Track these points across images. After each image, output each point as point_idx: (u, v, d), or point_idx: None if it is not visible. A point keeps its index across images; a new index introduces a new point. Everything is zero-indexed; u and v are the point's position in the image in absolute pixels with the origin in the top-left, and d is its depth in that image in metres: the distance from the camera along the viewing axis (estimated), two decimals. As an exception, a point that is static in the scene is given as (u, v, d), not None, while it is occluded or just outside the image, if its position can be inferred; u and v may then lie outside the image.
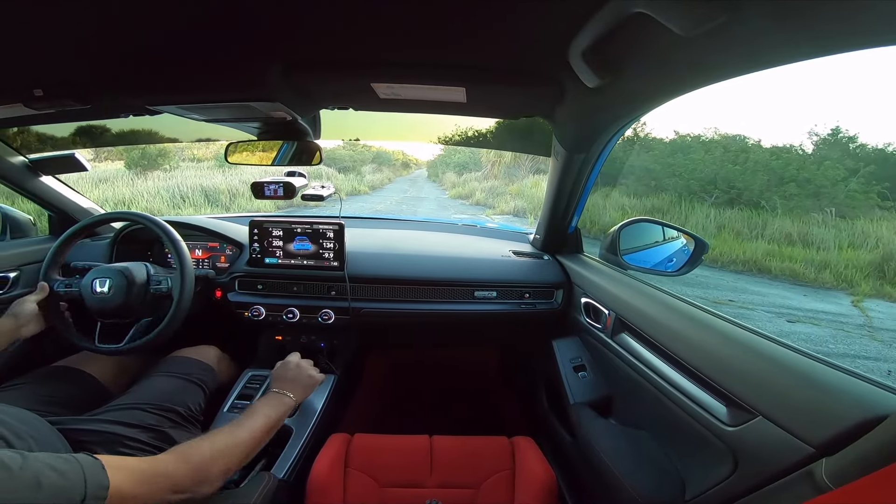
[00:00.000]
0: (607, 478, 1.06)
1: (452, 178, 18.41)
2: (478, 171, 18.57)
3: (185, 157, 15.10)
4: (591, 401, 1.31)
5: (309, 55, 0.91)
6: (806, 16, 0.52)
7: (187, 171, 12.71)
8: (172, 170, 13.01)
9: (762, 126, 33.13)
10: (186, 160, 14.97)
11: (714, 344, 0.86)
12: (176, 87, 1.07)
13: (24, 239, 1.66)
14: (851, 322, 5.61)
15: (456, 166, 20.40)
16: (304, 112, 1.21)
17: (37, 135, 4.39)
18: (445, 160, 21.83)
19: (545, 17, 0.70)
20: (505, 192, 14.31)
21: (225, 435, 0.90)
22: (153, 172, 12.32)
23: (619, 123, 1.07)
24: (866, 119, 27.51)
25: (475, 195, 14.51)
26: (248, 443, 0.92)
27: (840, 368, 0.67)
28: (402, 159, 25.71)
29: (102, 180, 10.76)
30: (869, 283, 7.20)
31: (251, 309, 1.54)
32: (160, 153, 13.13)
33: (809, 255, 8.16)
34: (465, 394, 2.08)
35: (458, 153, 21.35)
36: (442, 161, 22.15)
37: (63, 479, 0.59)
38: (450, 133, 14.07)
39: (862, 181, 10.32)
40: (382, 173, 21.04)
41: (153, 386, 1.20)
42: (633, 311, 1.16)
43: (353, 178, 17.52)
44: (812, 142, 12.40)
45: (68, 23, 0.77)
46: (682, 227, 1.38)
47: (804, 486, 0.60)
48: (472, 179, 17.07)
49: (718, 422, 0.80)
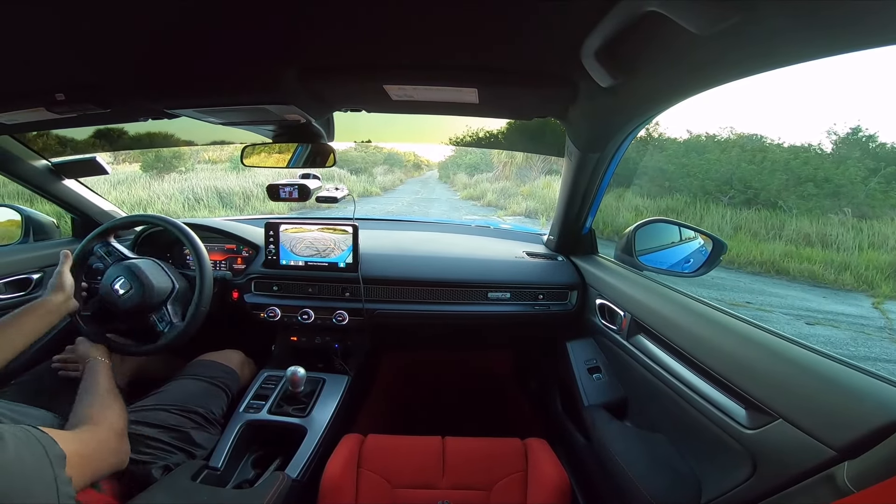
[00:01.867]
0: (621, 480, 1.05)
1: (464, 179, 18.34)
2: (489, 172, 18.49)
3: (199, 159, 15.27)
4: (605, 403, 1.30)
5: (323, 58, 0.91)
6: (821, 14, 0.51)
7: (202, 174, 12.83)
8: (187, 172, 13.15)
9: (780, 125, 32.54)
10: (201, 162, 15.14)
11: (732, 345, 0.85)
12: (193, 91, 1.08)
13: (47, 241, 1.69)
14: (872, 324, 5.48)
15: (467, 167, 20.29)
16: (318, 114, 1.22)
17: (57, 138, 4.48)
18: (456, 161, 21.69)
19: (557, 17, 0.70)
20: (516, 193, 14.24)
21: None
22: (169, 175, 12.48)
23: (633, 123, 1.06)
24: (887, 118, 26.88)
25: (486, 196, 14.45)
26: None
27: (862, 370, 0.65)
28: (414, 160, 25.62)
29: (120, 182, 10.95)
30: (890, 285, 7.02)
31: (267, 310, 1.55)
32: (174, 155, 13.28)
33: (829, 257, 7.98)
34: (478, 395, 2.07)
35: (468, 154, 21.21)
36: (453, 162, 22.01)
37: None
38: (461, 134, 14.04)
39: (882, 181, 10.09)
40: (394, 175, 20.98)
41: (178, 388, 1.23)
42: (649, 312, 1.15)
43: (365, 179, 17.57)
44: (831, 141, 12.13)
45: (90, 28, 0.78)
46: (698, 227, 1.36)
47: (825, 490, 0.59)
48: (483, 181, 16.99)
49: (737, 424, 0.79)
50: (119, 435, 0.93)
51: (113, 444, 0.90)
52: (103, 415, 0.94)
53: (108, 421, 0.92)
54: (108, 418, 0.93)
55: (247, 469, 1.25)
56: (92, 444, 0.84)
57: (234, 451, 1.21)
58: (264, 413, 1.33)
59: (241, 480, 1.20)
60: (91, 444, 0.83)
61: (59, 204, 1.68)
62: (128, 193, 10.11)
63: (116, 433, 0.92)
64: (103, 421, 0.92)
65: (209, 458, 1.16)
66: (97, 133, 4.27)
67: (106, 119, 1.30)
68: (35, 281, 1.52)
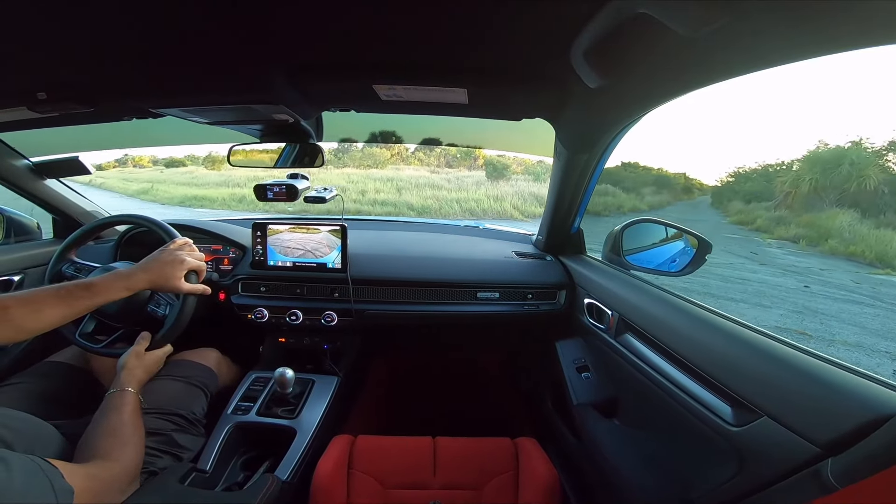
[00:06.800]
0: (611, 478, 1.06)
1: (738, 206, 18.98)
2: (768, 201, 18.74)
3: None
4: (594, 402, 1.31)
5: (311, 58, 0.91)
6: (807, 15, 0.52)
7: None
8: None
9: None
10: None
11: (718, 344, 0.86)
12: (179, 90, 1.07)
13: (28, 242, 1.66)
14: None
15: (745, 195, 20.55)
16: (306, 114, 1.21)
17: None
18: (734, 188, 21.94)
19: (546, 17, 0.70)
20: (792, 221, 14.52)
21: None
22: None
23: (622, 123, 1.07)
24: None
25: (756, 222, 15.15)
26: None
27: (845, 368, 0.66)
28: (684, 183, 25.60)
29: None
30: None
31: (254, 311, 1.54)
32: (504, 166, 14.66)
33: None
34: (469, 395, 2.07)
35: (749, 181, 21.47)
36: (730, 188, 22.22)
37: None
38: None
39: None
40: (662, 196, 22.17)
41: (156, 390, 1.19)
42: (636, 311, 1.16)
43: (634, 197, 19.59)
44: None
45: (72, 25, 0.77)
46: (685, 227, 1.37)
47: (810, 486, 0.60)
48: (759, 209, 17.55)
49: (723, 422, 0.80)
50: (132, 476, 0.88)
51: (124, 484, 0.85)
52: (121, 452, 0.87)
53: (124, 459, 0.86)
54: (125, 456, 0.87)
55: (236, 471, 1.23)
56: (102, 482, 0.79)
57: (222, 454, 1.20)
58: (253, 415, 1.31)
59: (231, 483, 1.19)
60: (100, 482, 0.78)
61: (40, 204, 1.65)
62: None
63: (129, 473, 0.87)
64: (119, 458, 0.86)
65: (197, 461, 1.15)
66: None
67: (90, 118, 1.28)
68: (16, 283, 1.49)
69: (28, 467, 0.64)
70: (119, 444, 0.88)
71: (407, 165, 22.16)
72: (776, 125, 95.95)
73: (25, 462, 0.64)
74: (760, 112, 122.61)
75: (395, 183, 17.14)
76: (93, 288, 0.94)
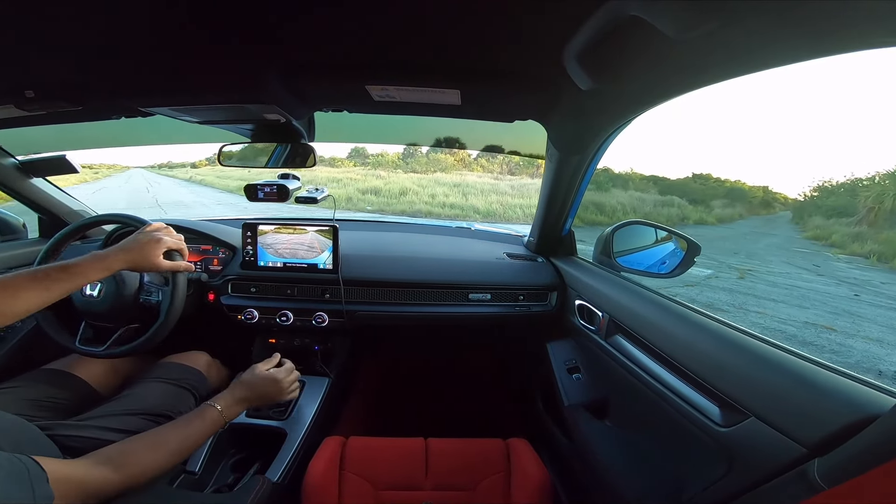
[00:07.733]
0: (602, 479, 1.07)
1: (818, 221, 18.79)
2: (848, 217, 18.57)
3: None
4: (585, 402, 1.31)
5: (303, 57, 0.90)
6: (799, 18, 0.52)
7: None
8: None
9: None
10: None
11: (706, 345, 0.87)
12: (169, 89, 1.06)
13: (14, 241, 1.64)
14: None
15: (828, 210, 20.31)
16: (298, 114, 1.20)
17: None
18: (816, 202, 21.54)
19: (539, 20, 0.70)
20: (869, 238, 14.53)
21: (158, 448, 0.86)
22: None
23: (613, 125, 1.07)
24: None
25: (832, 237, 15.06)
26: (174, 459, 0.87)
27: (831, 369, 0.67)
28: (762, 197, 24.69)
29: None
30: None
31: (244, 312, 1.53)
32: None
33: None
34: (460, 396, 2.07)
35: (833, 195, 20.88)
36: (813, 203, 21.78)
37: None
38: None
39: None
40: (734, 209, 21.69)
41: (145, 392, 1.18)
42: (626, 312, 1.17)
43: (701, 209, 19.52)
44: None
45: (60, 23, 0.76)
46: (675, 229, 1.38)
47: (797, 486, 0.61)
48: (839, 224, 17.41)
49: (712, 423, 0.80)
50: (132, 486, 0.79)
51: (118, 489, 0.77)
52: (139, 458, 0.81)
53: (136, 468, 0.80)
54: (138, 464, 0.80)
55: (226, 473, 1.23)
56: (96, 484, 0.73)
57: (211, 455, 1.19)
58: (242, 416, 1.30)
59: (220, 484, 1.18)
60: (94, 484, 0.73)
61: (26, 203, 1.62)
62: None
63: (127, 484, 0.78)
64: (132, 465, 0.79)
65: (186, 462, 1.14)
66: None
67: (78, 117, 1.26)
68: (1, 283, 1.46)
69: (13, 467, 0.63)
70: (145, 449, 0.83)
71: (470, 172, 22.25)
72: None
73: (10, 461, 0.63)
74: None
75: (462, 188, 17.53)
76: (70, 269, 0.91)
